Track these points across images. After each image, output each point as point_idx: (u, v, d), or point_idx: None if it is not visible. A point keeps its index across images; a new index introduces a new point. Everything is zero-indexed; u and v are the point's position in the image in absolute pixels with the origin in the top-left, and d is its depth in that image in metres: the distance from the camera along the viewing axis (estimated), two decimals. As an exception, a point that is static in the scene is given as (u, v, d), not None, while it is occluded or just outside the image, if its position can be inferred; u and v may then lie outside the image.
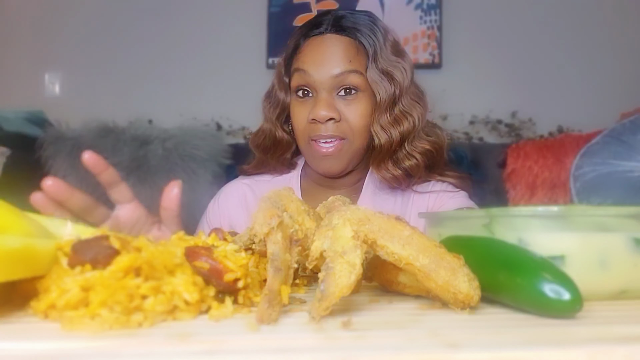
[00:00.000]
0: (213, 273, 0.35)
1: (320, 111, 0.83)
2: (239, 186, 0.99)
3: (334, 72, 0.84)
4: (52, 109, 1.90)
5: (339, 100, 0.85)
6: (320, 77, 0.84)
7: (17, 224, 0.38)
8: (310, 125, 0.85)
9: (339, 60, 0.85)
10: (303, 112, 0.86)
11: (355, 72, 0.85)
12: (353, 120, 0.85)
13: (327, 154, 0.85)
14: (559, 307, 0.33)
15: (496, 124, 2.03)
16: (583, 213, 0.45)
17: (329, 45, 0.86)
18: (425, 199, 0.93)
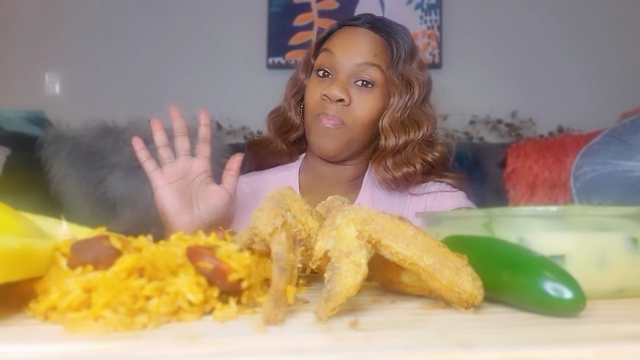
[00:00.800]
0: (217, 273, 0.35)
1: (333, 90, 0.86)
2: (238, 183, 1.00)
3: (357, 60, 0.88)
4: (52, 109, 1.90)
5: (354, 88, 0.89)
6: (343, 61, 0.89)
7: (12, 224, 0.38)
8: (319, 102, 0.89)
9: (366, 51, 0.89)
10: (318, 89, 0.90)
11: (376, 67, 0.89)
12: (360, 110, 0.88)
13: (326, 129, 0.88)
14: (562, 306, 0.33)
15: (496, 123, 2.03)
16: (582, 213, 0.45)
17: (359, 35, 0.91)
18: (422, 201, 0.94)
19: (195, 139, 0.89)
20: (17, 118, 1.79)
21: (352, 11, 2.10)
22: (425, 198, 0.94)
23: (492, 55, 2.08)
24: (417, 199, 0.94)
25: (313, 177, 0.98)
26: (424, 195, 0.94)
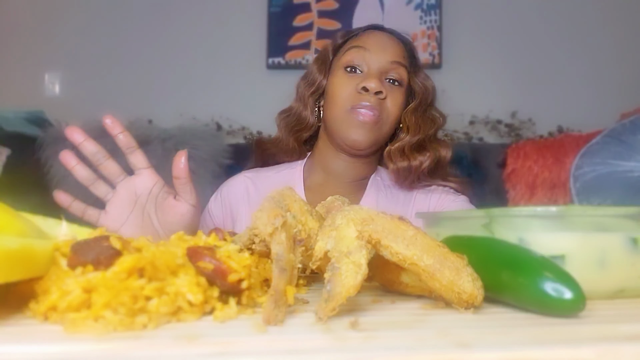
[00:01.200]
0: (217, 273, 0.35)
1: (373, 82, 0.89)
2: (241, 180, 1.01)
3: (390, 58, 0.93)
4: (52, 109, 1.90)
5: (386, 83, 0.93)
6: (378, 57, 0.93)
7: (12, 224, 0.38)
8: (356, 95, 0.90)
9: (395, 52, 0.94)
10: (350, 84, 0.92)
11: (404, 67, 0.95)
12: (392, 105, 0.93)
13: (366, 120, 0.89)
14: (562, 306, 0.33)
15: (496, 124, 2.04)
16: (582, 213, 0.46)
17: (388, 38, 0.97)
18: (426, 201, 0.96)
19: (195, 139, 0.88)
20: (17, 118, 1.79)
21: (352, 11, 2.10)
22: (429, 198, 0.96)
23: (491, 55, 2.09)
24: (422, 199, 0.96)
25: (319, 175, 0.99)
26: (428, 197, 0.96)
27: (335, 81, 0.95)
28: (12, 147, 1.67)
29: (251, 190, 0.99)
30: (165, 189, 0.70)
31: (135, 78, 2.08)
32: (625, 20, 2.07)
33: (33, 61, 2.10)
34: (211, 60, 2.10)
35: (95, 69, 2.09)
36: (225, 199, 0.99)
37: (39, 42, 2.10)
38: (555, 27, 2.09)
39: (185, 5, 2.12)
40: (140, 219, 0.69)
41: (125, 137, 0.68)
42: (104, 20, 2.11)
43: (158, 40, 2.10)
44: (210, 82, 2.09)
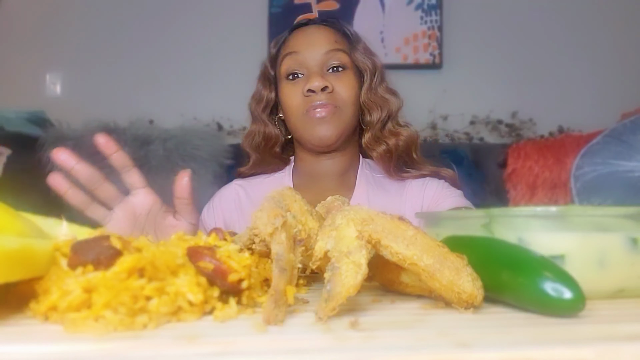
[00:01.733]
0: (217, 273, 0.35)
1: (315, 82, 0.90)
2: (232, 188, 1.02)
3: (323, 50, 0.94)
4: (53, 109, 1.91)
5: (329, 75, 0.93)
6: (311, 55, 0.93)
7: (12, 224, 0.38)
8: (305, 99, 0.92)
9: (327, 41, 0.95)
10: (296, 91, 0.93)
11: (341, 51, 0.95)
12: (344, 91, 0.93)
13: (322, 117, 0.90)
14: (561, 306, 0.33)
15: (497, 124, 2.04)
16: (582, 213, 0.46)
17: (315, 30, 0.97)
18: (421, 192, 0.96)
19: (196, 139, 0.88)
20: (18, 118, 1.79)
21: (352, 12, 2.10)
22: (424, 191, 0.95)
23: (492, 55, 2.09)
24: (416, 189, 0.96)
25: (306, 176, 1.00)
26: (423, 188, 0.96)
27: (283, 93, 0.96)
28: (13, 147, 1.67)
29: (243, 198, 1.00)
30: (164, 208, 0.69)
31: (137, 78, 2.09)
32: (625, 20, 2.07)
33: (34, 61, 2.11)
34: (212, 61, 2.10)
35: (97, 69, 2.09)
36: (217, 208, 1.00)
37: (40, 42, 2.11)
38: (556, 27, 2.09)
39: (186, 5, 2.12)
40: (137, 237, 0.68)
41: (119, 157, 0.64)
42: (105, 21, 2.11)
43: (159, 40, 2.10)
44: (211, 82, 2.09)
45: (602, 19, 2.07)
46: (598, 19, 2.07)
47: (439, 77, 2.07)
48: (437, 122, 1.99)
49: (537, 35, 2.09)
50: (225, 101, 2.05)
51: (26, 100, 1.96)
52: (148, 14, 2.12)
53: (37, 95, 2.08)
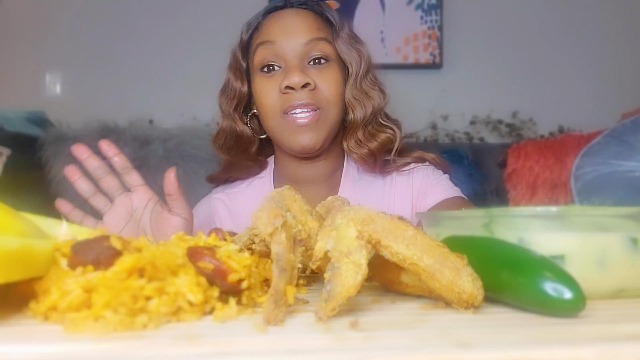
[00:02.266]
0: (217, 273, 0.35)
1: (294, 77, 0.79)
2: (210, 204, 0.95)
3: (303, 39, 0.82)
4: (52, 109, 1.90)
5: (311, 69, 0.82)
6: (289, 46, 0.82)
7: (12, 224, 0.38)
8: (283, 97, 0.81)
9: (307, 29, 0.83)
10: (272, 86, 0.82)
11: (324, 40, 0.83)
12: (327, 88, 0.82)
13: (304, 124, 0.80)
14: (561, 306, 0.33)
15: (497, 124, 2.03)
16: (582, 213, 0.46)
17: (293, 15, 0.85)
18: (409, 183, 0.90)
19: (196, 139, 0.89)
20: (17, 118, 1.79)
21: (353, 11, 2.10)
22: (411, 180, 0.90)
23: (492, 55, 2.08)
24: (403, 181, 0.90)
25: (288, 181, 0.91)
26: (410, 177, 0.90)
27: (256, 88, 0.85)
28: (13, 147, 1.67)
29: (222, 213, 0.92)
30: (159, 204, 0.74)
31: (136, 78, 2.09)
32: (625, 20, 2.07)
33: (34, 61, 2.11)
34: (212, 61, 2.09)
35: (96, 69, 2.09)
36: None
37: (40, 42, 2.11)
38: (556, 27, 2.09)
39: (185, 5, 2.12)
40: (135, 231, 0.73)
41: (120, 159, 0.72)
42: (104, 21, 2.11)
43: (159, 40, 2.10)
44: (211, 82, 2.08)
45: (602, 19, 2.07)
46: (598, 19, 2.07)
47: (439, 77, 2.07)
48: (437, 122, 1.99)
49: (537, 35, 2.09)
50: (225, 101, 2.05)
51: (26, 100, 1.96)
52: (147, 13, 2.12)
53: (36, 95, 2.07)
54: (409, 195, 0.90)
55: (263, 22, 0.87)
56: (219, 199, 0.94)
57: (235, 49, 0.93)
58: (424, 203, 0.89)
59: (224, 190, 0.95)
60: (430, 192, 0.89)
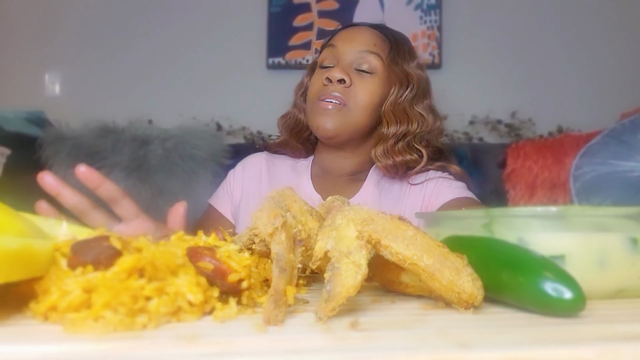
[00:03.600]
0: (217, 273, 0.35)
1: (334, 72, 0.90)
2: (258, 158, 1.06)
3: (357, 48, 0.94)
4: (52, 109, 1.90)
5: (355, 73, 0.93)
6: (344, 50, 0.94)
7: (12, 224, 0.37)
8: (322, 87, 0.92)
9: (365, 41, 0.95)
10: (320, 77, 0.94)
11: (376, 55, 0.94)
12: (361, 92, 0.91)
13: (326, 110, 0.90)
14: (561, 306, 0.33)
15: (496, 124, 2.04)
16: (582, 213, 0.46)
17: (360, 30, 0.98)
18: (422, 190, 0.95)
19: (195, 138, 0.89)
20: (17, 118, 1.79)
21: (352, 11, 2.10)
22: (425, 187, 0.95)
23: (491, 55, 2.09)
24: (417, 189, 0.96)
25: (321, 170, 1.02)
26: (424, 184, 0.96)
27: (312, 78, 0.98)
28: (12, 147, 1.67)
29: (264, 171, 1.03)
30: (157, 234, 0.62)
31: (136, 78, 2.09)
32: (625, 20, 2.07)
33: (33, 61, 2.10)
34: (211, 60, 2.10)
35: (96, 69, 2.09)
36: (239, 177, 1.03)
37: (39, 42, 2.10)
38: (555, 27, 2.09)
39: (185, 5, 2.12)
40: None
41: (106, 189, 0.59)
42: (104, 20, 2.11)
43: (158, 40, 2.10)
44: (211, 82, 2.09)
45: (602, 19, 2.07)
46: (597, 19, 2.08)
47: (438, 77, 2.07)
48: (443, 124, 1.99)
49: (537, 35, 2.09)
50: (224, 101, 2.05)
51: (25, 100, 1.96)
52: (147, 13, 2.11)
53: (36, 95, 2.07)
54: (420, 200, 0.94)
55: (339, 32, 1.01)
56: (265, 158, 1.06)
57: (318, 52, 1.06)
58: (434, 203, 0.92)
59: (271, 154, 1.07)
60: (443, 194, 0.93)
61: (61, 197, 0.57)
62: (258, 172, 1.04)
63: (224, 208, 1.01)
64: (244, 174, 1.04)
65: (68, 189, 0.57)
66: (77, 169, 0.56)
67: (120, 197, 0.60)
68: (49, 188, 0.56)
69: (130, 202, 0.61)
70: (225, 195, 1.02)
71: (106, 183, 0.58)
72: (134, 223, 0.62)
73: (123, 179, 1.62)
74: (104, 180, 0.58)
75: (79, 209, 0.58)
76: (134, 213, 0.62)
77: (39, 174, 0.55)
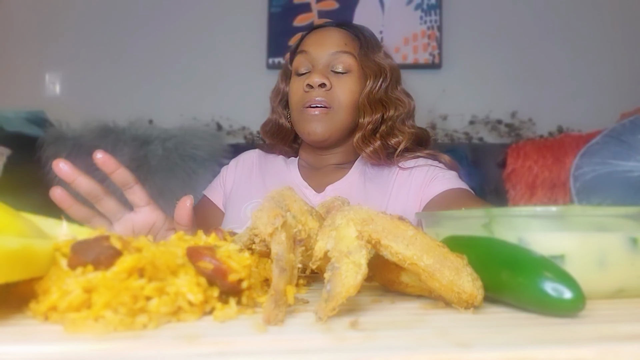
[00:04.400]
0: (217, 273, 0.35)
1: (314, 77, 0.94)
2: (251, 153, 1.12)
3: (330, 50, 0.97)
4: (52, 109, 1.90)
5: (332, 75, 0.97)
6: (317, 54, 0.97)
7: (12, 224, 0.37)
8: (304, 94, 0.96)
9: (336, 43, 0.98)
10: (299, 85, 0.98)
11: (349, 54, 0.98)
12: (342, 93, 0.95)
13: (314, 116, 0.94)
14: (561, 306, 0.33)
15: (496, 124, 2.03)
16: (582, 213, 0.46)
17: (328, 32, 1.01)
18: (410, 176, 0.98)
19: (195, 139, 0.89)
20: (17, 118, 1.79)
21: (352, 12, 2.10)
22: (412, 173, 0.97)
23: (491, 55, 2.09)
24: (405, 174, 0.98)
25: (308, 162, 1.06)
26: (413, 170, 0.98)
27: (291, 86, 1.01)
28: (12, 147, 1.67)
29: (256, 166, 1.08)
30: (166, 226, 0.66)
31: (136, 78, 2.09)
32: (625, 20, 2.07)
33: (34, 61, 2.11)
34: (212, 60, 2.10)
35: (96, 69, 2.09)
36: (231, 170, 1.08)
37: (40, 42, 2.11)
38: (555, 27, 2.09)
39: (185, 5, 2.12)
40: None
41: (120, 174, 0.61)
42: (104, 20, 2.11)
43: (158, 40, 2.10)
44: (211, 82, 2.09)
45: (601, 19, 2.07)
46: (597, 19, 2.08)
47: (438, 77, 2.07)
48: (437, 122, 1.99)
49: (537, 35, 2.09)
50: (224, 101, 2.05)
51: (26, 100, 1.96)
52: (147, 13, 2.12)
53: (36, 95, 2.07)
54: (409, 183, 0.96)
55: (307, 36, 1.04)
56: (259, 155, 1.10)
57: (287, 57, 1.10)
58: (427, 193, 0.93)
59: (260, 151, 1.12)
60: (434, 184, 0.94)
61: (76, 184, 0.59)
62: (250, 165, 1.09)
63: (216, 198, 1.06)
64: (237, 167, 1.09)
65: (83, 176, 0.59)
66: (94, 155, 0.59)
67: (133, 182, 0.62)
68: (64, 175, 0.58)
69: (141, 189, 0.64)
70: (218, 187, 1.07)
71: (120, 168, 0.61)
72: (144, 209, 0.64)
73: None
74: (119, 166, 0.61)
75: (93, 195, 0.61)
76: (145, 199, 0.64)
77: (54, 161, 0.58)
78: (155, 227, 0.65)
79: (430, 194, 0.92)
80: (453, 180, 0.94)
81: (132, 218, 0.64)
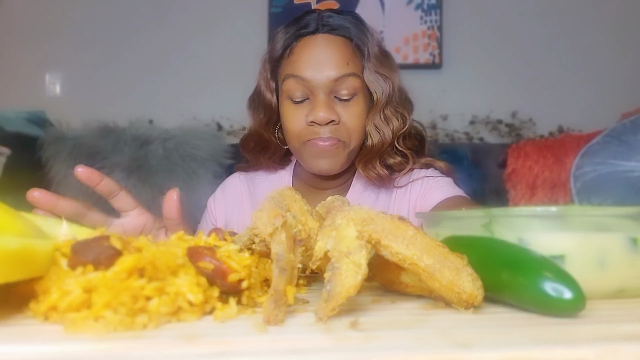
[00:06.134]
0: (217, 273, 0.35)
1: (320, 113, 0.81)
2: (236, 180, 1.00)
3: (332, 75, 0.82)
4: (52, 109, 1.91)
5: (337, 104, 0.84)
6: (317, 82, 0.82)
7: (12, 224, 0.37)
8: (308, 128, 0.84)
9: (337, 63, 0.83)
10: (299, 116, 0.84)
11: (353, 75, 0.84)
12: (351, 123, 0.85)
13: (325, 150, 0.83)
14: (561, 306, 0.33)
15: (496, 124, 2.04)
16: (582, 213, 0.46)
17: (324, 46, 0.84)
18: (407, 192, 0.93)
19: (195, 139, 0.87)
20: (17, 118, 1.79)
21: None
22: (409, 189, 0.92)
23: (492, 55, 2.09)
24: (402, 192, 0.93)
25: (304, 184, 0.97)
26: (409, 186, 0.92)
27: (284, 112, 0.87)
28: (13, 147, 1.68)
29: (245, 193, 0.98)
30: (156, 226, 0.66)
31: (136, 78, 2.09)
32: (625, 20, 2.07)
33: (34, 61, 2.11)
34: (212, 60, 2.10)
35: (96, 69, 2.09)
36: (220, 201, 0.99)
37: (40, 42, 2.11)
38: (556, 27, 2.09)
39: (185, 5, 2.12)
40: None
41: (105, 185, 0.60)
42: (104, 21, 2.11)
43: (159, 40, 2.10)
44: (211, 82, 2.09)
45: (602, 19, 2.07)
46: (597, 19, 2.08)
47: (438, 77, 2.07)
48: (437, 122, 1.99)
49: (537, 35, 2.09)
50: (225, 101, 2.05)
51: (26, 100, 1.96)
52: (147, 13, 2.12)
53: (36, 95, 2.08)
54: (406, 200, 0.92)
55: (294, 47, 0.87)
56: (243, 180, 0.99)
57: (265, 61, 0.92)
58: (424, 206, 0.90)
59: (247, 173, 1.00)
60: (431, 194, 0.90)
61: (58, 210, 0.57)
62: (239, 195, 0.98)
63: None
64: (225, 198, 0.98)
65: (62, 200, 0.57)
66: (75, 170, 0.58)
67: (118, 190, 0.62)
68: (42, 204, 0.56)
69: (127, 194, 0.63)
70: (210, 224, 0.97)
71: (104, 179, 0.60)
72: (132, 213, 0.64)
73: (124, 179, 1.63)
74: (102, 177, 0.59)
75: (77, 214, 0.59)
76: (131, 204, 0.63)
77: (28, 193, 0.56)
78: (146, 229, 0.65)
79: (426, 206, 0.89)
80: (447, 188, 0.90)
81: (122, 223, 0.64)
